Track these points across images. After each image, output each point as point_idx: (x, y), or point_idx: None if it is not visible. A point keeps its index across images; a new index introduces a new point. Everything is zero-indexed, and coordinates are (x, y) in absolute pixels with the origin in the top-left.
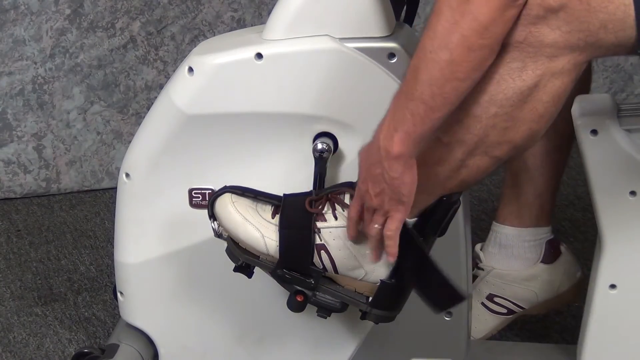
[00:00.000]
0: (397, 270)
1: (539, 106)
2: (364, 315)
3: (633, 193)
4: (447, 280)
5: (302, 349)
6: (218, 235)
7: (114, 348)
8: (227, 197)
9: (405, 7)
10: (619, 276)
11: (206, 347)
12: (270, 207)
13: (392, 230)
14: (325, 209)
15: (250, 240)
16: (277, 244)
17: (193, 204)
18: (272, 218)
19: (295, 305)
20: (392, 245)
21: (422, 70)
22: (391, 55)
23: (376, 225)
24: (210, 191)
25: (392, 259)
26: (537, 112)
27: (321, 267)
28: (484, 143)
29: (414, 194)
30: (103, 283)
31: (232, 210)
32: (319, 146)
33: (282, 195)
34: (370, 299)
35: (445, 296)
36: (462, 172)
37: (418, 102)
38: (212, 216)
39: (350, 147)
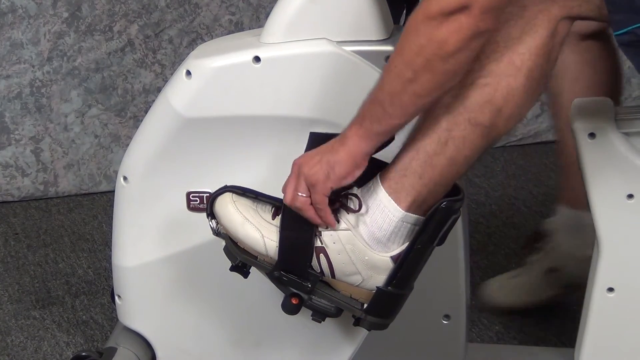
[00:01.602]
0: (394, 278)
1: (515, 58)
2: (357, 322)
3: (630, 196)
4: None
5: (299, 352)
6: (216, 233)
7: (112, 351)
8: (227, 197)
9: (405, 11)
10: (616, 279)
11: (204, 350)
12: (270, 208)
13: (319, 202)
14: None
15: (250, 240)
16: (277, 244)
17: (191, 207)
18: (273, 219)
19: (290, 308)
20: (325, 214)
21: (386, 81)
22: (389, 58)
23: (303, 195)
24: (208, 194)
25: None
26: (514, 64)
27: (319, 270)
28: (465, 107)
29: (341, 181)
30: (101, 286)
31: (233, 209)
32: None
33: (282, 197)
34: (366, 305)
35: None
36: (450, 145)
37: (378, 106)
38: (211, 215)
39: None
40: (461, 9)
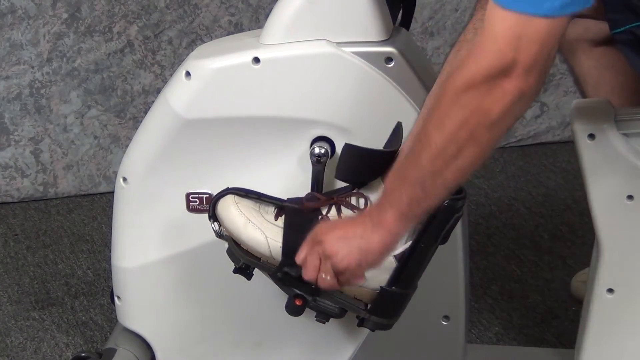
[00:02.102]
0: (397, 277)
1: None
2: (361, 322)
3: (630, 197)
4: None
5: (299, 353)
6: (219, 235)
7: (112, 352)
8: (230, 199)
9: (401, 11)
10: (616, 280)
11: (204, 351)
12: (273, 208)
13: (350, 282)
14: (332, 212)
15: (253, 241)
16: (281, 245)
17: (190, 208)
18: (276, 220)
19: (294, 309)
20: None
21: (425, 158)
22: (388, 59)
23: (328, 277)
24: (207, 195)
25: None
26: None
27: None
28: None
29: (372, 266)
30: (100, 287)
31: (235, 211)
32: (317, 150)
33: (284, 198)
34: (369, 306)
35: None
36: None
37: (417, 188)
38: (213, 217)
39: None
40: (504, 72)
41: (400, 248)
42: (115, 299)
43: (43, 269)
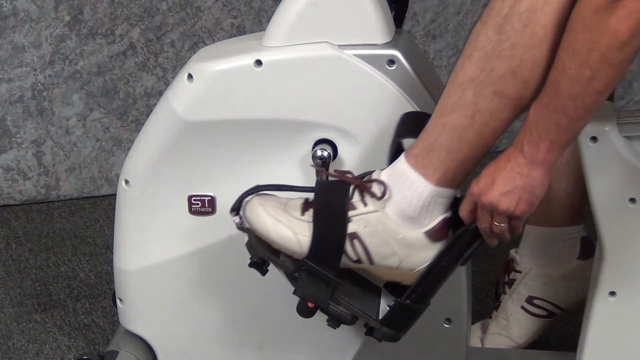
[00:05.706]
0: (414, 292)
1: (539, 29)
2: (370, 332)
3: (632, 200)
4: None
5: (301, 355)
6: (241, 228)
7: (113, 355)
8: (255, 201)
9: (401, 11)
10: (618, 283)
11: (206, 354)
12: (300, 204)
13: (520, 228)
14: (356, 197)
15: (283, 240)
16: (309, 239)
17: (192, 211)
18: (302, 215)
19: (305, 311)
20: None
21: (563, 85)
22: (390, 62)
23: (502, 225)
24: (209, 198)
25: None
26: (537, 35)
27: (356, 258)
28: (491, 78)
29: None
30: (102, 290)
31: (263, 212)
32: (319, 153)
33: (310, 186)
34: (381, 316)
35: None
36: (477, 118)
37: (561, 114)
38: (235, 210)
39: (350, 153)
40: None
41: (429, 224)
42: (117, 301)
43: (45, 272)
